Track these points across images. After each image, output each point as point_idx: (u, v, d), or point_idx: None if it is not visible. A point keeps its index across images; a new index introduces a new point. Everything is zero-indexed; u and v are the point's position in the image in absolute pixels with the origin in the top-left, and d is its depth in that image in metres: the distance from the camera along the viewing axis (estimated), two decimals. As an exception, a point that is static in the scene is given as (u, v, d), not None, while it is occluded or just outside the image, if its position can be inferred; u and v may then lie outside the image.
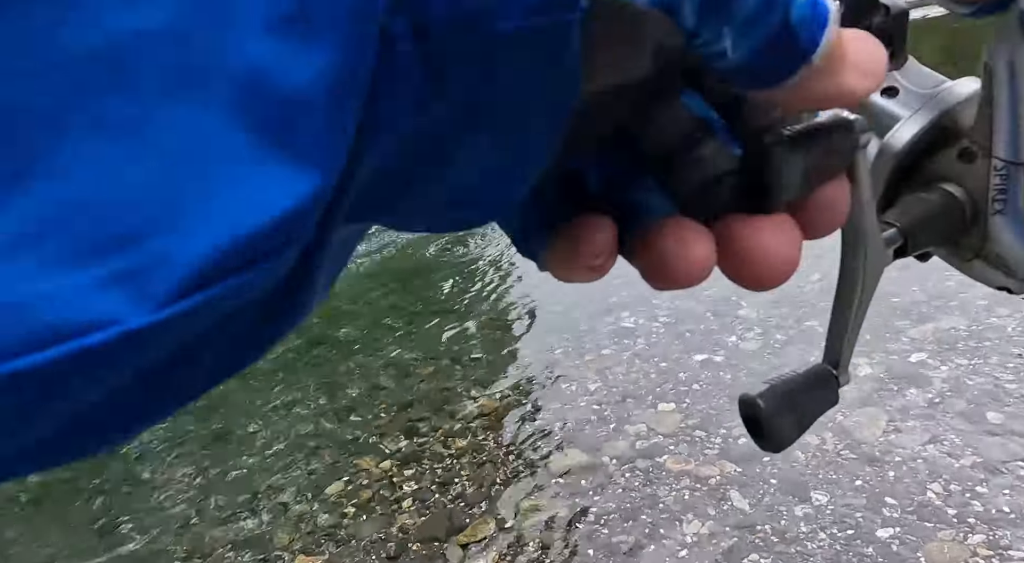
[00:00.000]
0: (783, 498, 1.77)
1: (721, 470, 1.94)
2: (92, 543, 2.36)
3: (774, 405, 0.40)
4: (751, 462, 1.94)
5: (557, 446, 2.25)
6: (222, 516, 2.32)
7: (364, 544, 1.99)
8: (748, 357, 2.56)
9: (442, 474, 2.26)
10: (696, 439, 2.11)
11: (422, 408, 2.72)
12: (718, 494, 1.85)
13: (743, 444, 2.03)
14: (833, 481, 1.78)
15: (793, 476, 1.84)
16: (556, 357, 2.93)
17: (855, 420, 2.02)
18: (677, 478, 1.95)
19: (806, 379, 0.41)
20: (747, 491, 1.83)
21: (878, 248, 0.38)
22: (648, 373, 2.61)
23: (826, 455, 1.89)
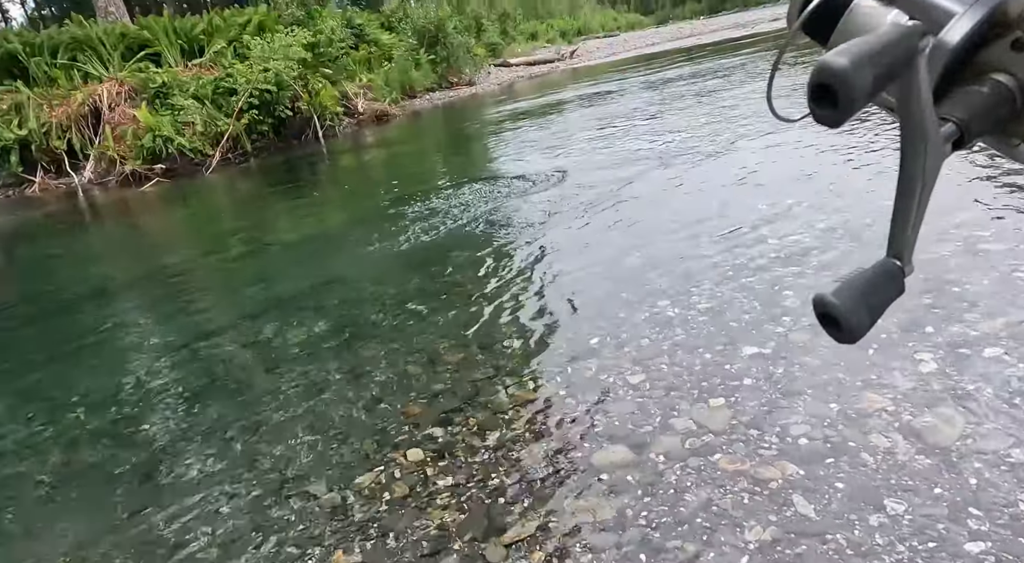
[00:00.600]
0: (853, 505, 1.64)
1: (782, 472, 1.81)
2: (118, 529, 2.28)
3: (847, 299, 0.42)
4: (814, 464, 1.81)
5: (600, 441, 2.14)
6: (252, 506, 2.22)
7: (401, 542, 1.89)
8: (800, 351, 2.42)
9: (478, 468, 2.15)
10: (751, 438, 1.99)
11: (453, 398, 2.61)
12: (779, 498, 1.72)
13: (803, 445, 1.90)
14: (909, 488, 1.65)
15: (863, 481, 1.71)
16: (592, 346, 2.80)
17: (926, 421, 1.88)
18: (733, 479, 1.82)
19: (874, 273, 0.45)
20: (812, 496, 1.70)
21: (937, 144, 0.42)
22: (692, 365, 2.48)
23: (898, 459, 1.76)
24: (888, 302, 0.46)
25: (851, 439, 1.88)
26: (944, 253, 2.88)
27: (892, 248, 0.48)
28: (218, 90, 12.04)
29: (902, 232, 0.47)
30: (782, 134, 5.80)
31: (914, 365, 2.16)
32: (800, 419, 2.02)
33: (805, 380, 2.22)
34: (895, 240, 0.48)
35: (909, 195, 0.45)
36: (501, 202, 5.58)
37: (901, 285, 0.48)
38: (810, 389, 2.17)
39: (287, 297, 4.25)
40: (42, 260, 7.12)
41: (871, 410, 1.99)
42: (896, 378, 2.12)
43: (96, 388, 3.42)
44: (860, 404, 2.03)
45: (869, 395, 2.06)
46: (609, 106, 10.14)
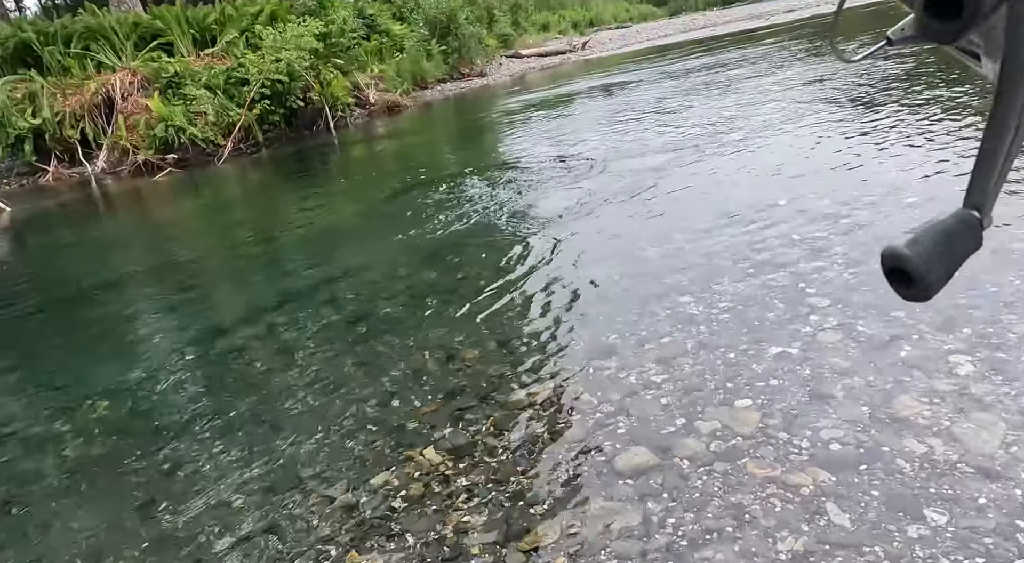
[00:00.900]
0: (891, 515, 1.57)
1: (813, 478, 1.74)
2: (131, 524, 2.24)
3: (922, 253, 0.40)
4: (847, 471, 1.74)
5: (622, 442, 2.07)
6: (265, 503, 2.17)
7: (418, 543, 1.84)
8: (828, 350, 2.34)
9: (496, 468, 2.10)
10: (780, 441, 1.92)
11: (470, 395, 2.55)
12: (812, 506, 1.66)
13: (835, 450, 1.83)
14: (950, 498, 1.58)
15: (900, 490, 1.64)
16: (612, 343, 2.74)
17: (966, 427, 1.80)
18: (762, 486, 1.76)
19: (951, 225, 0.42)
20: (846, 504, 1.63)
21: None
22: (716, 365, 2.41)
23: (936, 466, 1.69)
24: (964, 257, 0.43)
25: (885, 444, 1.81)
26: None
27: (971, 198, 0.44)
28: (230, 80, 12.00)
29: (985, 181, 0.44)
30: (808, 126, 5.69)
31: (950, 367, 2.08)
32: (831, 423, 1.95)
33: (835, 382, 2.15)
34: (975, 189, 0.44)
35: (998, 139, 0.42)
36: (514, 194, 5.51)
37: (979, 239, 0.45)
38: (840, 391, 2.09)
39: (301, 289, 4.21)
40: (57, 250, 7.12)
41: (905, 414, 1.92)
42: (931, 381, 2.04)
43: (110, 381, 3.39)
44: (893, 408, 1.95)
45: (903, 398, 1.99)
46: (624, 97, 10.03)
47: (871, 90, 6.67)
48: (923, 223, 0.42)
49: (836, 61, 8.75)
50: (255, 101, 11.67)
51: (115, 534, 2.21)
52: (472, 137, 10.32)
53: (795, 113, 6.30)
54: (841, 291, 2.74)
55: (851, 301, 2.64)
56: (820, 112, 6.15)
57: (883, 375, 2.13)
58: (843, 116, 5.89)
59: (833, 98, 6.69)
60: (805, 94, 7.18)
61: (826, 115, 5.99)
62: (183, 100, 11.72)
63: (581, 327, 2.97)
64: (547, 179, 5.79)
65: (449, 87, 16.98)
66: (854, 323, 2.48)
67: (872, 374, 2.15)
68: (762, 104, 7.04)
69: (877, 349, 2.28)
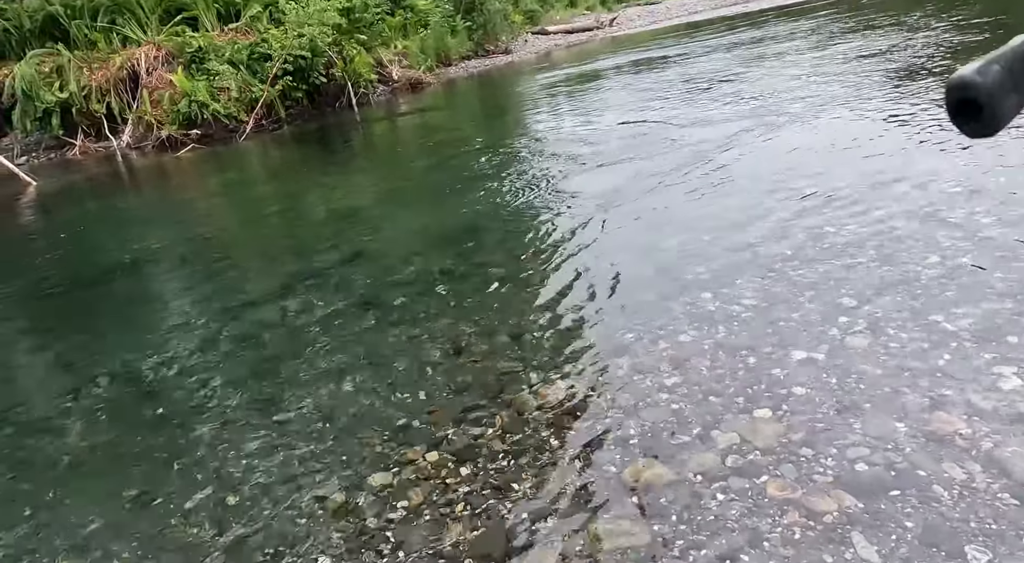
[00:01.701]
0: (925, 550, 1.43)
1: (838, 504, 1.60)
2: (125, 515, 2.18)
3: (993, 78, 0.38)
4: (876, 496, 1.60)
5: (632, 453, 1.95)
6: (262, 503, 2.09)
7: (412, 558, 1.74)
8: (857, 356, 2.19)
9: (498, 476, 1.99)
10: (802, 459, 1.78)
11: (477, 394, 2.44)
12: (836, 535, 1.52)
13: (863, 471, 1.69)
14: (993, 533, 1.43)
15: (936, 521, 1.50)
16: (626, 342, 2.60)
17: (1011, 450, 1.65)
18: (782, 509, 1.62)
19: (1022, 50, 0.40)
20: (875, 536, 1.49)
21: None
22: (735, 369, 2.27)
23: (977, 496, 1.54)
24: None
25: (920, 467, 1.66)
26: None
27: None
28: (253, 55, 11.90)
29: None
30: (854, 109, 5.43)
31: (994, 381, 1.92)
32: (859, 440, 1.80)
33: (864, 393, 1.99)
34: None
35: None
36: (536, 176, 5.35)
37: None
38: (870, 404, 1.94)
39: (315, 272, 4.12)
40: (82, 225, 7.13)
41: (943, 433, 1.76)
42: (972, 396, 1.88)
43: (120, 363, 3.34)
44: (930, 425, 1.80)
45: (940, 414, 1.83)
46: (653, 74, 9.74)
47: (945, 63, 6.33)
48: (993, 51, 0.39)
49: (901, 32, 8.38)
50: (278, 77, 11.57)
51: (110, 524, 2.15)
52: (496, 116, 10.13)
53: (854, 89, 6.01)
54: (873, 291, 2.57)
55: (883, 302, 2.47)
56: (884, 87, 5.86)
57: (918, 387, 1.97)
58: (905, 93, 5.59)
59: (900, 71, 6.38)
60: (867, 67, 6.86)
61: (889, 90, 5.71)
62: (206, 75, 11.66)
63: (595, 322, 2.84)
64: (570, 162, 5.61)
65: (473, 64, 16.71)
66: (887, 327, 2.32)
67: (905, 385, 2.00)
68: (819, 79, 6.75)
69: (912, 357, 2.12)
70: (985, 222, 2.94)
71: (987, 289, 2.41)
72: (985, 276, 2.50)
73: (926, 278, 2.59)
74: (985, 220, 2.96)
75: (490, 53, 17.91)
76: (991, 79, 0.38)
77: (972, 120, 0.39)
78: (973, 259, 2.65)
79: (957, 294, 2.42)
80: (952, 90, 0.39)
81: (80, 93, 12.16)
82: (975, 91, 0.38)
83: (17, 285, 5.07)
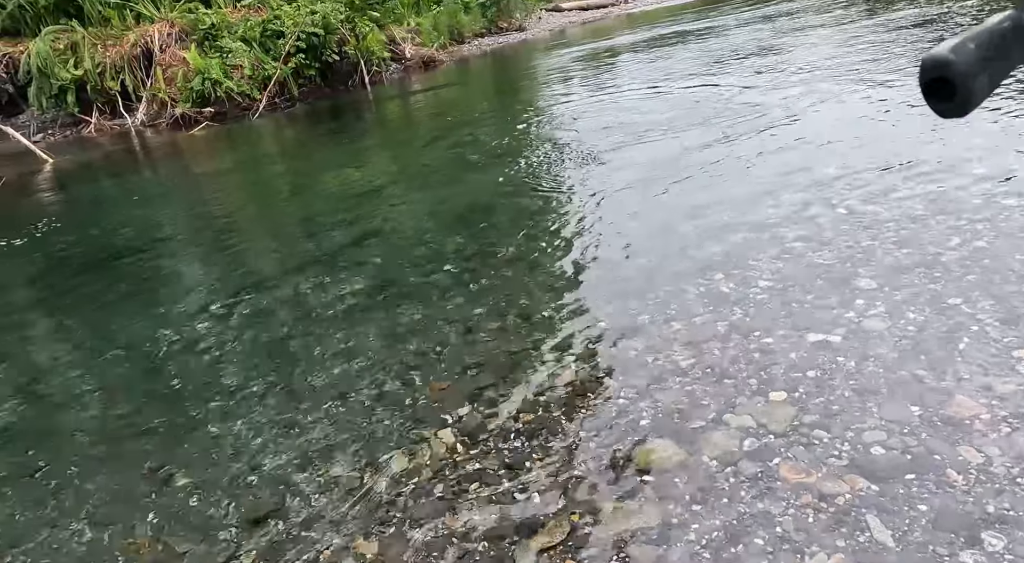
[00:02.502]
0: (941, 536, 1.42)
1: (852, 487, 1.59)
2: (143, 489, 2.21)
3: (967, 57, 0.38)
4: (891, 480, 1.59)
5: (644, 435, 1.94)
6: (276, 480, 2.11)
7: (424, 536, 1.75)
8: (874, 339, 2.16)
9: (510, 455, 1.99)
10: (816, 442, 1.76)
11: (489, 374, 2.44)
12: (849, 519, 1.51)
13: (878, 455, 1.67)
14: (1009, 519, 1.41)
15: (952, 505, 1.48)
16: (639, 323, 2.59)
17: (1029, 436, 1.62)
18: (795, 492, 1.61)
19: (1000, 29, 0.40)
20: (889, 519, 1.48)
21: None
22: (749, 351, 2.25)
23: (994, 480, 1.52)
24: (1013, 67, 0.41)
25: (936, 451, 1.64)
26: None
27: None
28: (266, 33, 11.84)
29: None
30: (890, 84, 5.33)
31: (1015, 364, 1.89)
32: (874, 423, 1.78)
33: (881, 376, 1.97)
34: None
35: None
36: (550, 156, 5.31)
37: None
38: (886, 387, 1.92)
39: (328, 252, 4.12)
40: (97, 203, 7.18)
41: (961, 417, 1.74)
42: (992, 380, 1.85)
43: (136, 339, 3.37)
44: (947, 409, 1.78)
45: (959, 398, 1.81)
46: (669, 51, 9.60)
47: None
48: (968, 29, 0.39)
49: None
50: (290, 54, 11.52)
51: (128, 497, 2.18)
52: (510, 95, 10.04)
53: (892, 61, 5.89)
54: (891, 274, 2.53)
55: (902, 284, 2.44)
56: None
57: (936, 370, 1.95)
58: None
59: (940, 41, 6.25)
60: (914, 36, 6.72)
61: None
62: (219, 53, 11.63)
63: (608, 302, 2.82)
64: (586, 141, 5.55)
65: (487, 42, 16.54)
66: (905, 309, 2.29)
67: (923, 368, 1.97)
68: (856, 51, 6.62)
69: (930, 340, 2.09)
70: (1008, 204, 2.88)
71: (1008, 272, 2.36)
72: (1006, 259, 2.45)
73: (946, 260, 2.54)
74: (1008, 202, 2.89)
75: (503, 30, 17.72)
76: (965, 58, 0.37)
77: (945, 100, 0.38)
78: (994, 242, 2.60)
79: (977, 277, 2.38)
80: (925, 69, 0.38)
81: (95, 70, 12.18)
82: (949, 70, 0.37)
83: (35, 262, 5.12)
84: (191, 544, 1.90)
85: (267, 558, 1.80)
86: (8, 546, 2.02)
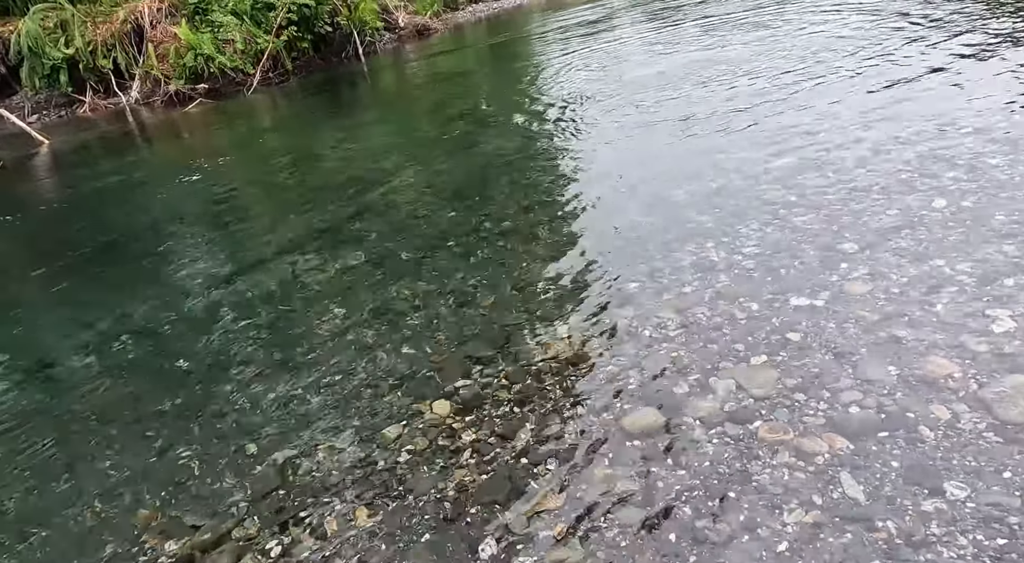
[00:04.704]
0: (908, 488, 1.49)
1: (829, 445, 1.66)
2: (151, 464, 2.30)
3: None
4: (866, 438, 1.66)
5: (632, 400, 2.01)
6: (279, 454, 2.20)
7: (421, 502, 1.83)
8: (856, 302, 2.21)
9: (503, 424, 2.07)
10: (796, 404, 1.83)
11: (484, 345, 2.51)
12: (825, 476, 1.58)
13: (855, 414, 1.74)
14: (973, 470, 1.48)
15: (920, 460, 1.55)
16: (630, 292, 2.64)
17: (997, 390, 1.69)
18: (774, 451, 1.69)
19: None
20: (861, 475, 1.56)
21: None
22: (735, 317, 2.30)
23: (961, 435, 1.59)
24: None
25: (909, 409, 1.71)
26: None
27: None
28: (256, 5, 11.70)
29: None
30: (884, 55, 5.29)
31: (988, 324, 1.94)
32: (852, 384, 1.85)
33: (860, 338, 2.03)
34: None
35: None
36: (545, 125, 5.31)
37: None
38: (865, 349, 1.98)
39: (326, 228, 4.17)
40: (96, 184, 7.20)
41: (935, 376, 1.80)
42: (966, 339, 1.91)
43: (140, 320, 3.45)
44: (922, 369, 1.84)
45: (933, 358, 1.87)
46: (669, 15, 9.48)
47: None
48: None
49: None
50: (282, 27, 11.40)
51: (137, 472, 2.27)
52: (505, 63, 9.95)
53: (884, 33, 5.85)
54: (876, 237, 2.57)
55: (886, 247, 2.48)
56: (912, 27, 5.69)
57: (914, 331, 2.00)
58: (943, 32, 5.44)
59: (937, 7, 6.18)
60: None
61: (920, 30, 5.55)
62: (211, 27, 11.51)
63: (600, 273, 2.87)
64: (581, 110, 5.55)
65: (481, 8, 16.30)
66: (888, 272, 2.33)
67: (902, 329, 2.03)
68: (844, 21, 6.55)
69: (910, 302, 2.15)
70: (992, 163, 2.90)
71: (989, 231, 2.40)
72: (988, 219, 2.49)
73: (930, 221, 2.58)
74: (993, 161, 2.92)
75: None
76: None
77: None
78: (977, 201, 2.63)
79: (960, 237, 2.42)
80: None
81: (86, 49, 12.07)
82: None
83: (38, 245, 5.18)
84: (199, 516, 1.99)
85: (272, 528, 1.89)
86: (24, 520, 2.12)
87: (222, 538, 1.88)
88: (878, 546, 1.38)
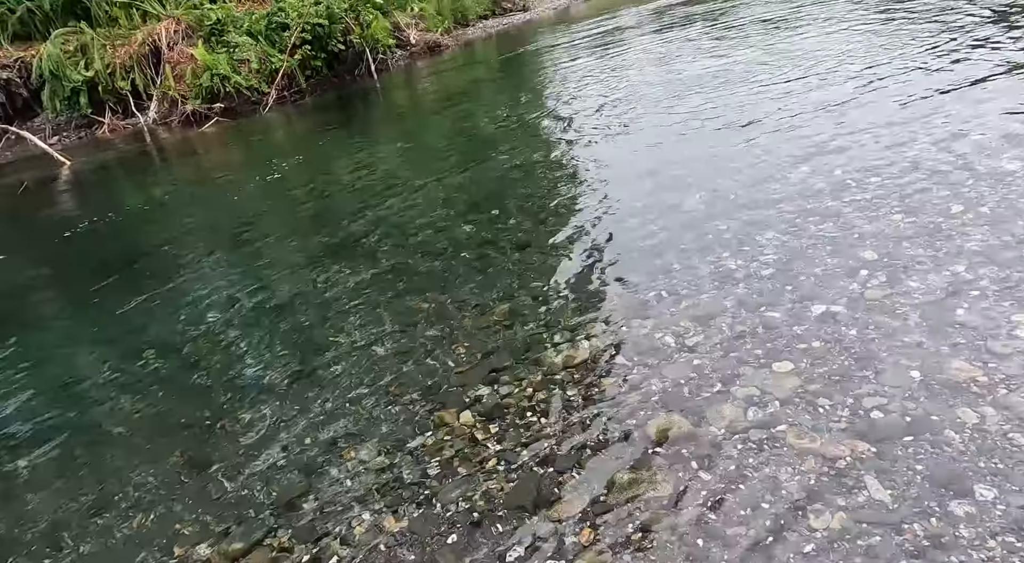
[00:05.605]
0: (934, 491, 1.50)
1: (852, 450, 1.67)
2: (178, 476, 2.34)
3: None
4: (889, 442, 1.66)
5: (655, 407, 2.03)
6: (306, 465, 2.23)
7: (448, 509, 1.86)
8: (877, 309, 2.22)
9: (527, 433, 2.09)
10: (820, 409, 1.84)
11: (504, 355, 2.54)
12: (850, 480, 1.59)
13: (878, 419, 1.75)
14: (1001, 473, 1.49)
15: (945, 463, 1.56)
16: (648, 300, 2.66)
17: (1023, 394, 1.69)
18: (800, 456, 1.70)
19: None
20: (887, 479, 1.56)
21: None
22: (755, 325, 2.32)
23: (988, 438, 1.59)
24: None
25: (934, 413, 1.72)
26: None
27: None
28: (271, 25, 11.90)
29: None
30: (905, 57, 5.31)
31: (1011, 329, 1.95)
32: (875, 389, 1.86)
33: (882, 344, 2.04)
34: None
35: None
36: (559, 139, 5.36)
37: None
38: (887, 354, 1.99)
39: (344, 243, 4.23)
40: (117, 204, 7.33)
41: (958, 380, 1.81)
42: (989, 344, 1.91)
43: (163, 336, 3.50)
44: (945, 373, 1.85)
45: (956, 363, 1.87)
46: (676, 30, 9.55)
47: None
48: None
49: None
50: (296, 46, 11.58)
51: (164, 484, 2.31)
52: (516, 78, 10.05)
53: (904, 36, 5.87)
54: (894, 243, 2.58)
55: (904, 254, 2.49)
56: (938, 31, 5.71)
57: (935, 336, 2.01)
58: (969, 36, 5.45)
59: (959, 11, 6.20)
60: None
61: (947, 34, 5.56)
62: (226, 48, 11.72)
63: (618, 282, 2.90)
64: (592, 122, 5.59)
65: (491, 24, 16.48)
66: (907, 278, 2.34)
67: (923, 335, 2.03)
68: (867, 27, 6.58)
69: (931, 307, 2.15)
70: (1011, 168, 2.91)
71: (1009, 237, 2.41)
72: (1008, 225, 2.49)
73: (948, 228, 2.59)
74: (1011, 167, 2.92)
75: (507, 11, 17.62)
76: None
77: None
78: (996, 208, 2.64)
79: (979, 243, 2.42)
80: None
81: (105, 71, 12.31)
82: None
83: (64, 266, 5.28)
84: (228, 524, 2.02)
85: (301, 537, 1.92)
86: (60, 530, 2.16)
87: (253, 546, 1.91)
88: (906, 548, 1.39)
